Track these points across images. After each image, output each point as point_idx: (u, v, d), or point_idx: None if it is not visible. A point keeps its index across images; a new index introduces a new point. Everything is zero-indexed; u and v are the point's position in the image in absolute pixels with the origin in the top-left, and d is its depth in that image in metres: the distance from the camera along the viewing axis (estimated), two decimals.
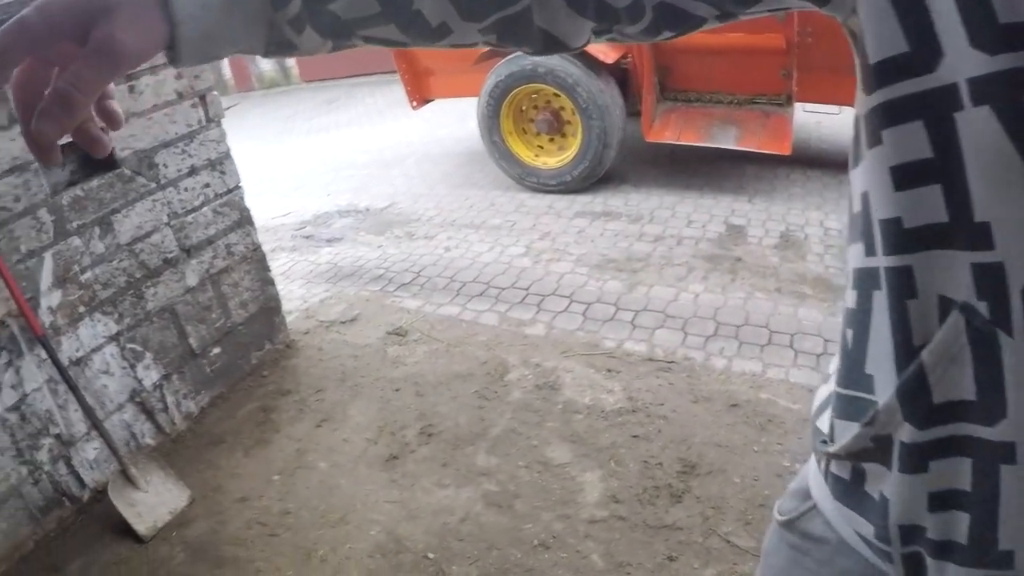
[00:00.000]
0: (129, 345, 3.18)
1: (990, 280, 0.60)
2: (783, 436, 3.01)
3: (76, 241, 2.94)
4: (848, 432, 0.77)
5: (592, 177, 5.95)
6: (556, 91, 5.70)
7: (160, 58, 2.86)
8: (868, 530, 0.79)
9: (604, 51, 5.48)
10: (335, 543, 2.76)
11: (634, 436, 3.11)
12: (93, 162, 3.03)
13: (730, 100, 5.76)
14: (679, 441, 3.05)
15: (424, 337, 4.04)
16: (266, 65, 17.54)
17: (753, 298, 4.06)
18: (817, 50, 4.93)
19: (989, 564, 0.70)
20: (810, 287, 4.13)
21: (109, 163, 3.05)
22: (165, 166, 3.25)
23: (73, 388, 2.86)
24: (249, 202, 3.73)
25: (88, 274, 3.00)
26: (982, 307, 0.61)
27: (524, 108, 6.10)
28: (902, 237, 0.65)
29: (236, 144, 3.67)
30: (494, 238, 5.38)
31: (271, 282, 3.89)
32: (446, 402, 3.45)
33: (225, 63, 16.91)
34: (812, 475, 0.91)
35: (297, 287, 4.90)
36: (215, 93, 3.46)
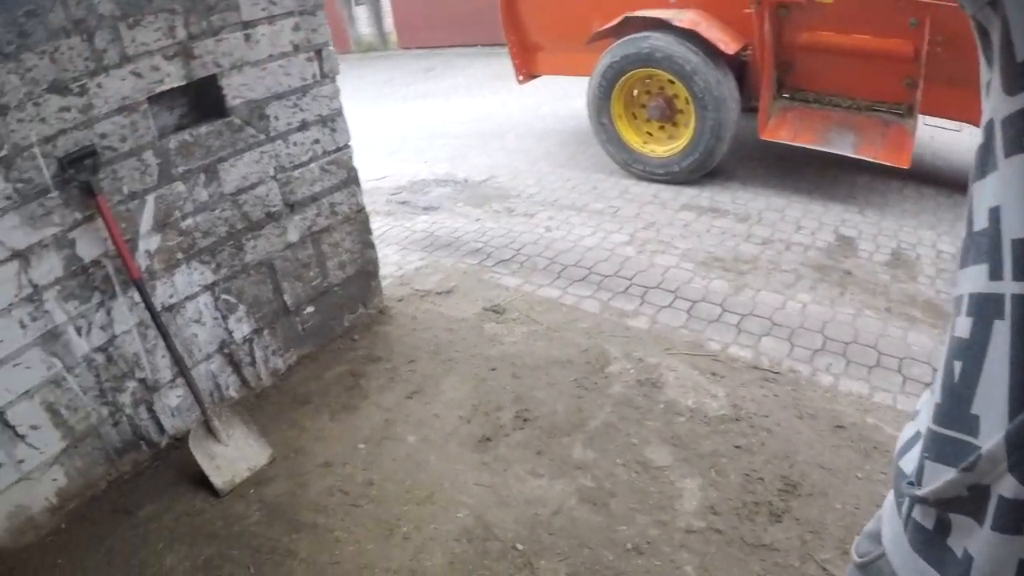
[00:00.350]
0: (224, 296, 3.10)
1: None
2: (887, 466, 2.76)
3: (180, 187, 2.86)
4: (940, 476, 0.69)
5: (700, 170, 5.73)
6: (671, 78, 5.48)
7: (278, 8, 2.78)
8: None
9: (725, 41, 5.24)
10: (419, 521, 2.64)
11: (737, 446, 2.94)
12: (203, 108, 2.96)
13: (849, 104, 5.44)
14: (782, 457, 2.87)
15: (523, 317, 3.90)
16: (364, 29, 17.59)
17: (862, 315, 3.83)
18: (946, 61, 4.58)
19: None
20: (920, 311, 3.87)
21: (219, 110, 2.96)
22: (276, 118, 3.16)
23: (164, 334, 2.79)
24: None
25: (189, 221, 2.92)
26: None
27: (636, 92, 5.89)
28: None
29: None
30: (596, 223, 5.21)
31: (372, 245, 3.79)
32: (543, 387, 3.31)
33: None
34: (888, 518, 0.84)
35: (392, 252, 4.80)
36: (331, 48, 3.35)
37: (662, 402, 3.20)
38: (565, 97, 8.48)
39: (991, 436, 0.62)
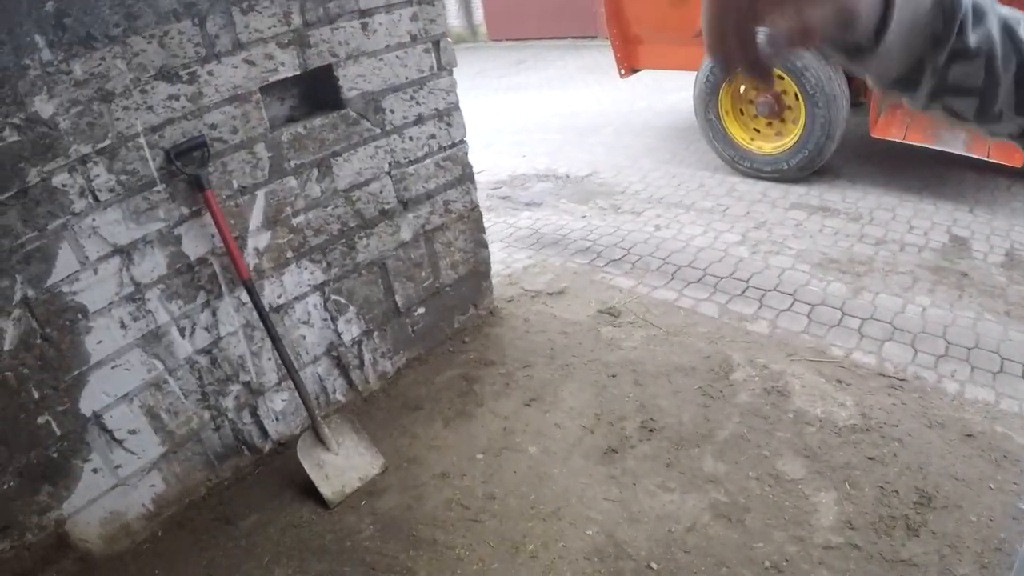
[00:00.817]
0: (334, 296, 3.03)
1: None
2: (1019, 476, 2.70)
3: (292, 182, 2.78)
4: None
5: (809, 168, 5.56)
6: (781, 74, 5.32)
7: None
8: None
9: None
10: (546, 539, 2.52)
11: (869, 458, 2.80)
12: (316, 99, 2.86)
13: None
14: (915, 468, 2.74)
15: (639, 320, 3.77)
16: (454, 21, 17.60)
17: (983, 319, 3.65)
18: None
19: None
20: None
21: (334, 102, 2.86)
22: (392, 112, 3.06)
23: (273, 336, 2.70)
24: None
25: (300, 218, 2.84)
26: None
27: (744, 88, 5.75)
28: None
29: None
30: (706, 221, 5.06)
31: (484, 244, 3.70)
32: (667, 395, 3.17)
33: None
34: None
35: (497, 250, 4.70)
36: (449, 39, 3.25)
37: (790, 411, 3.06)
38: (660, 91, 8.35)
39: None
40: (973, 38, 0.73)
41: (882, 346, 3.54)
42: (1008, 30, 0.76)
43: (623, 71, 6.80)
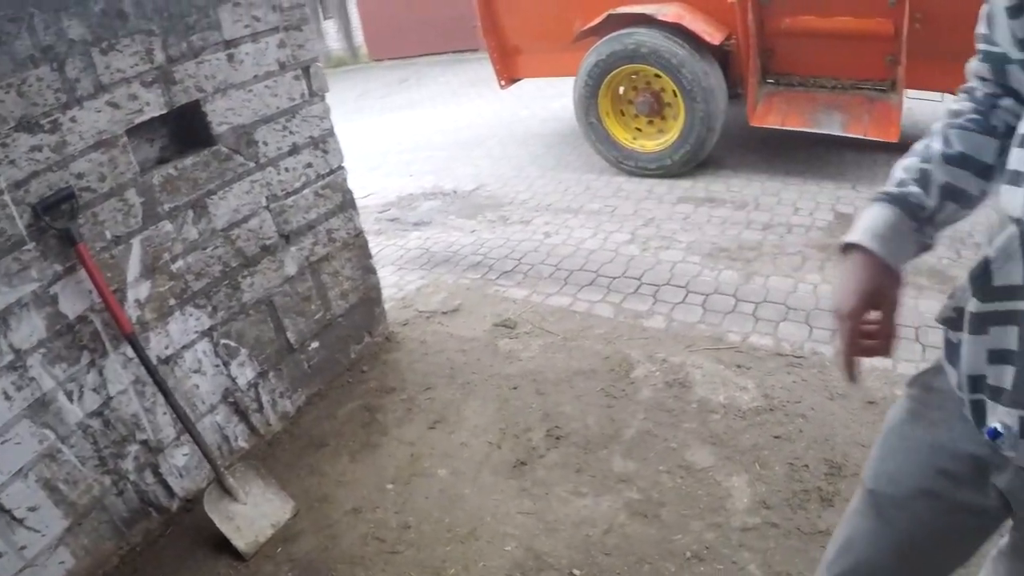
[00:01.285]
0: (223, 340, 2.92)
1: None
2: None
3: (167, 226, 2.68)
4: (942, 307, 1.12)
5: (693, 161, 5.67)
6: (658, 72, 5.43)
7: (261, 24, 2.56)
8: (956, 380, 1.11)
9: (710, 32, 5.21)
10: (466, 561, 2.48)
11: (776, 436, 2.86)
12: (186, 137, 2.77)
13: (833, 85, 5.49)
14: (822, 441, 2.81)
15: (536, 330, 3.75)
16: (334, 44, 17.49)
17: None
18: (926, 37, 4.63)
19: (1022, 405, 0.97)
20: (926, 278, 3.82)
21: (205, 138, 2.78)
22: (265, 144, 2.98)
23: (163, 390, 2.58)
24: None
25: (180, 263, 2.74)
26: None
27: (623, 89, 5.84)
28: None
29: None
30: (595, 223, 5.09)
31: (373, 270, 3.64)
32: (570, 401, 3.16)
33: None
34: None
35: (388, 274, 4.65)
36: (319, 64, 3.18)
37: (694, 402, 3.09)
38: (542, 98, 8.41)
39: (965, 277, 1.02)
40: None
41: (777, 327, 3.62)
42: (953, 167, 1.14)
43: (503, 82, 6.85)
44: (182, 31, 2.61)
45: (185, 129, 2.78)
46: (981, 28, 1.10)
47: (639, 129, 5.93)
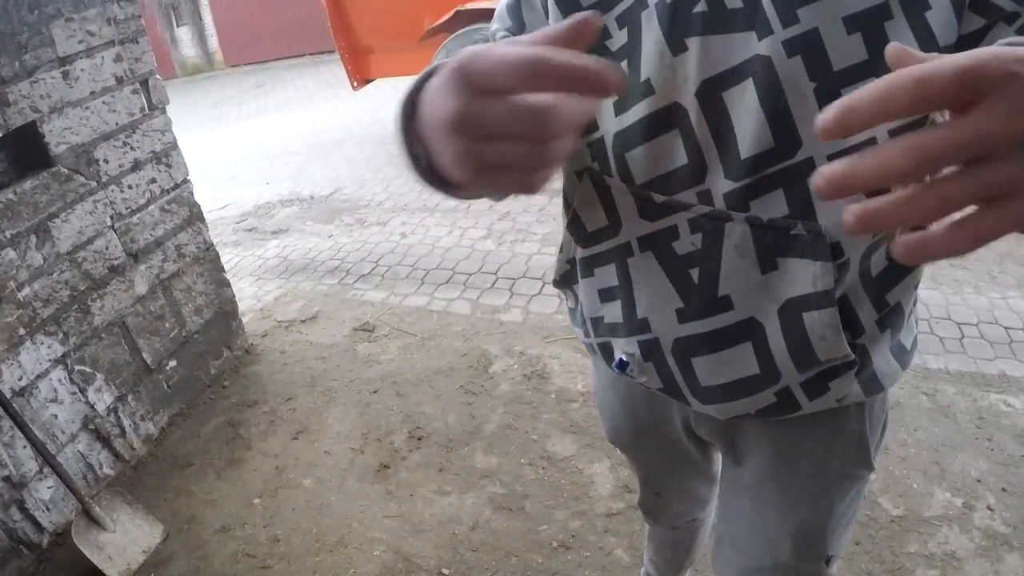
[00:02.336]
0: (78, 367, 2.85)
1: (597, 149, 0.97)
2: None
3: (11, 254, 2.60)
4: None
5: None
6: None
7: (96, 38, 2.51)
8: (582, 333, 1.21)
9: None
10: (336, 569, 2.49)
11: None
12: (24, 160, 2.69)
13: None
14: None
15: (394, 331, 3.78)
16: (188, 51, 17.09)
17: None
18: None
19: (635, 331, 1.06)
20: None
21: (43, 160, 2.71)
22: (106, 161, 2.92)
23: (19, 423, 2.50)
24: None
25: (27, 290, 2.66)
26: (595, 166, 0.99)
27: None
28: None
29: None
30: (451, 221, 5.14)
31: (226, 283, 3.58)
32: (430, 401, 3.21)
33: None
34: None
35: (247, 285, 4.59)
36: (158, 76, 3.13)
37: (552, 392, 3.17)
38: (399, 98, 8.36)
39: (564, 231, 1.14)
40: None
41: None
42: None
43: (355, 83, 6.81)
44: (14, 51, 2.54)
45: (23, 152, 2.70)
46: (497, 22, 1.14)
47: None
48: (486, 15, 5.44)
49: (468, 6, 5.47)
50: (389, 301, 4.14)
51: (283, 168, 7.20)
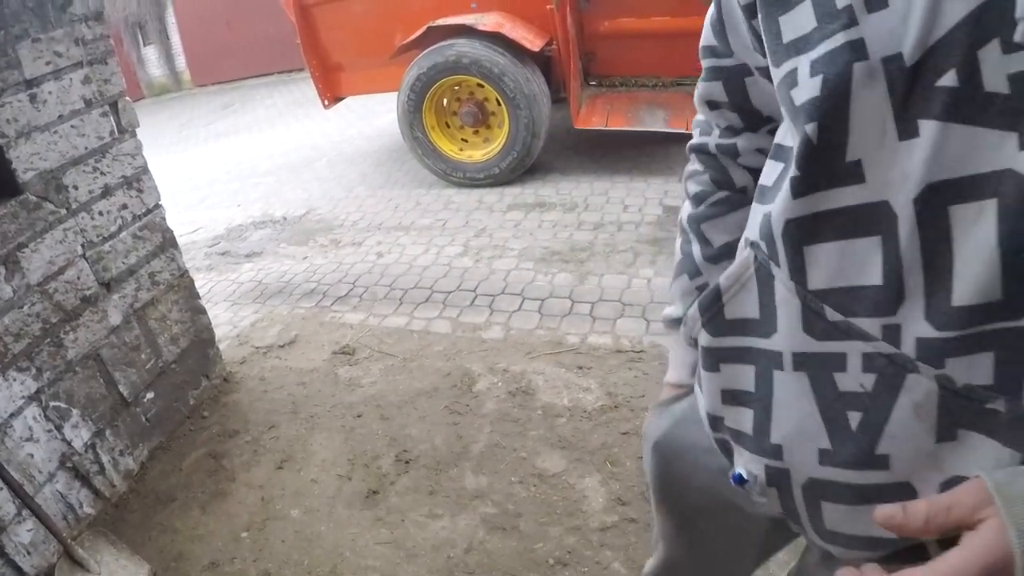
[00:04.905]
0: (52, 403, 2.76)
1: (765, 226, 0.81)
2: None
3: None
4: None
5: (521, 168, 5.76)
6: (480, 82, 5.48)
7: (64, 60, 2.43)
8: (702, 411, 1.03)
9: (529, 39, 5.29)
10: None
11: (623, 433, 2.92)
12: None
13: (655, 83, 5.74)
14: None
15: (375, 353, 3.72)
16: (156, 70, 17.00)
17: None
18: None
19: (764, 454, 0.89)
20: None
21: (11, 188, 2.62)
22: (75, 188, 2.83)
23: None
24: None
25: None
26: (762, 245, 0.82)
27: (446, 101, 5.87)
28: None
29: None
30: (427, 239, 5.10)
31: (202, 310, 3.51)
32: (416, 423, 3.15)
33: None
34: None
35: (222, 311, 4.52)
36: (127, 99, 3.06)
37: (539, 408, 3.13)
38: (369, 115, 8.38)
39: (693, 305, 0.96)
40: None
41: (615, 324, 3.69)
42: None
43: (326, 101, 6.78)
44: None
45: None
46: (706, 40, 1.00)
47: (465, 140, 5.99)
48: (457, 31, 5.46)
49: (439, 22, 5.46)
50: (368, 322, 4.08)
51: (254, 189, 7.14)
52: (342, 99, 6.97)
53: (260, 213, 6.32)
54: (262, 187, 7.14)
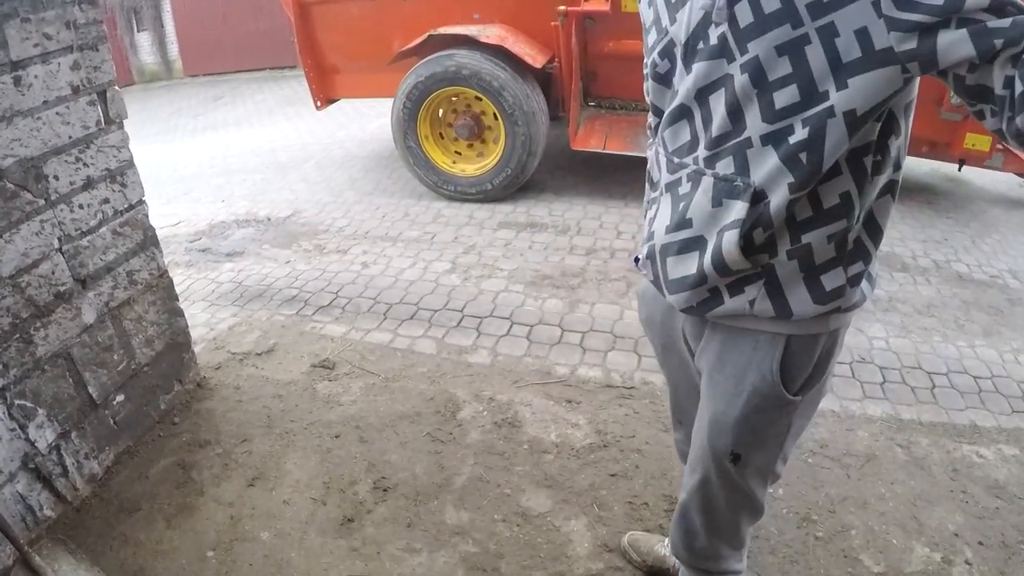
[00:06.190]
0: (18, 401, 2.61)
1: (659, 131, 1.59)
2: None
3: None
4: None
5: (514, 185, 5.66)
6: (479, 95, 5.37)
7: (53, 43, 2.29)
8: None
9: (532, 55, 5.20)
10: None
11: (612, 475, 2.82)
12: None
13: None
14: (659, 476, 2.80)
15: (356, 370, 3.59)
16: (147, 57, 16.86)
17: None
18: None
19: (648, 239, 1.62)
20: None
21: None
22: (56, 178, 2.68)
23: None
24: None
25: None
26: (656, 136, 1.66)
27: (442, 112, 5.76)
28: None
29: None
30: (415, 252, 4.98)
31: (180, 313, 3.36)
32: (396, 448, 3.02)
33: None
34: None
35: (200, 311, 4.36)
36: (116, 88, 2.91)
37: (525, 442, 3.01)
38: (361, 119, 8.28)
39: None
40: None
41: (606, 357, 3.61)
42: None
43: (319, 103, 6.66)
44: None
45: None
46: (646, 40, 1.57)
47: (459, 153, 5.89)
48: (458, 40, 5.37)
49: (440, 31, 5.37)
50: (350, 336, 3.94)
51: (240, 186, 7.00)
52: (335, 101, 6.86)
53: (244, 211, 6.18)
54: (248, 184, 7.00)
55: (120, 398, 3.05)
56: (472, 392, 3.35)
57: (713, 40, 1.28)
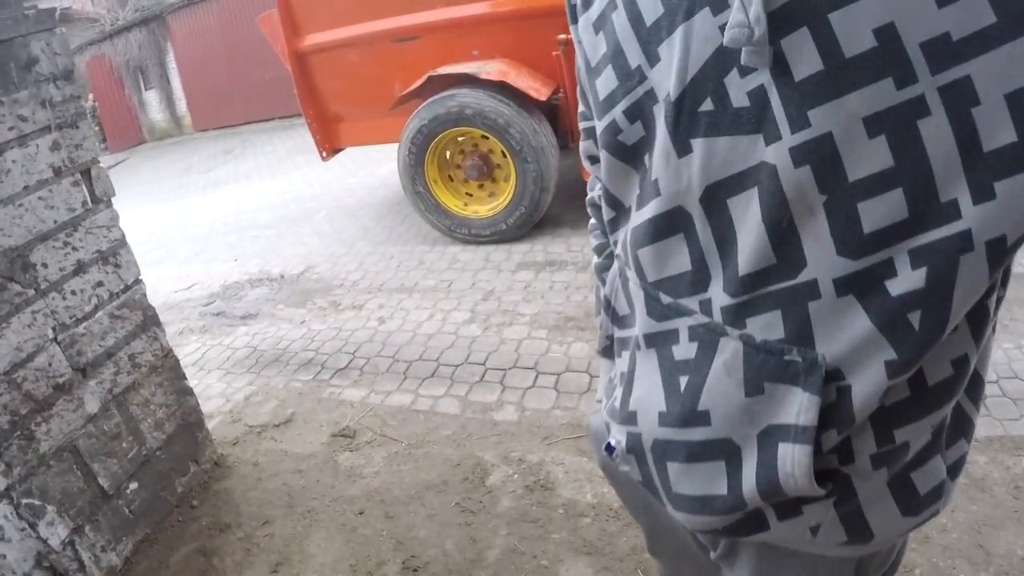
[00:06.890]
0: (25, 500, 2.49)
1: (622, 239, 0.98)
2: None
3: None
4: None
5: (528, 224, 5.51)
6: (484, 134, 5.23)
7: (29, 124, 2.17)
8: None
9: (536, 87, 5.05)
10: None
11: None
12: None
13: None
14: None
15: (377, 437, 3.43)
16: (156, 115, 17.01)
17: None
18: None
19: (625, 421, 1.01)
20: None
21: None
22: (44, 266, 2.57)
23: None
24: (146, 273, 3.10)
25: None
26: (621, 255, 1.01)
27: (449, 154, 5.64)
28: None
29: (127, 204, 3.01)
30: (432, 303, 4.83)
31: (189, 391, 3.22)
32: (424, 523, 2.85)
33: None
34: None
35: (215, 380, 4.23)
36: (101, 165, 2.79)
37: (560, 506, 2.82)
38: (369, 163, 8.19)
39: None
40: None
41: None
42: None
43: (325, 154, 6.59)
44: None
45: None
46: (580, 104, 1.12)
47: (470, 194, 5.77)
48: (458, 80, 5.27)
49: (440, 71, 5.26)
50: (369, 400, 3.79)
51: (252, 243, 6.92)
52: (341, 150, 6.78)
53: (257, 270, 6.09)
54: (260, 241, 6.92)
55: (134, 486, 2.92)
56: (500, 454, 3.18)
57: (739, 99, 0.73)
